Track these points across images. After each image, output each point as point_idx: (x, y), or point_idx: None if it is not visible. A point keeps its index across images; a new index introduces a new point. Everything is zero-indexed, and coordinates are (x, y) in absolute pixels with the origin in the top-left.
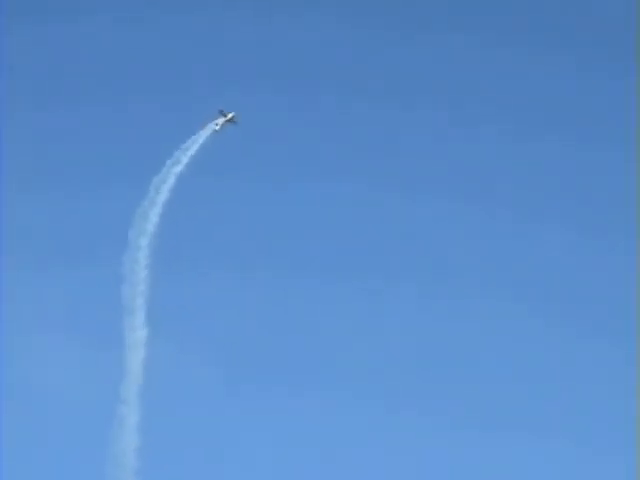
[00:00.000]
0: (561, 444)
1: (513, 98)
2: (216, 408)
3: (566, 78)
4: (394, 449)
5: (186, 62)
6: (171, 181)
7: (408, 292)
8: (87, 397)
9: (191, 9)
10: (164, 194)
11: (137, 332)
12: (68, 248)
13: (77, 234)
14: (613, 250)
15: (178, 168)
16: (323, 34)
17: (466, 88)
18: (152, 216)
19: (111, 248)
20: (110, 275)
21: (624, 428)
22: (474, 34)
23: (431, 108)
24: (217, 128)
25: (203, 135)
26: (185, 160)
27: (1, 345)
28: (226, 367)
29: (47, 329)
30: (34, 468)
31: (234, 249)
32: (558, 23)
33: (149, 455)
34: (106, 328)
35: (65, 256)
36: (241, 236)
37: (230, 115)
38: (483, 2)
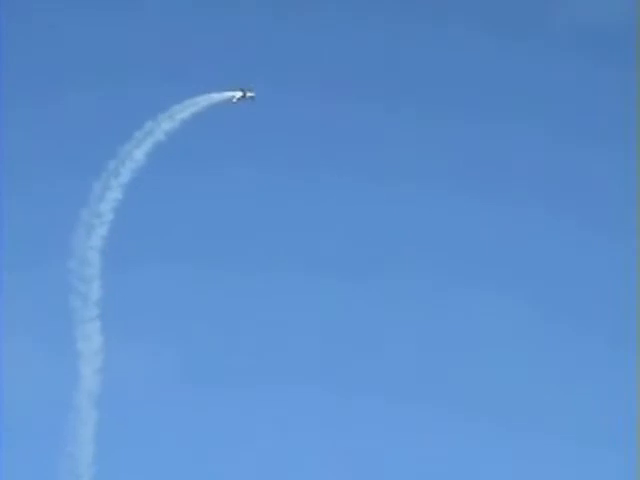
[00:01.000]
0: (560, 443)
1: (513, 96)
2: (177, 408)
3: (567, 75)
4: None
5: (184, 59)
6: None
7: (399, 287)
8: (42, 402)
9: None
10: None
11: (93, 335)
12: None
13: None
14: (614, 247)
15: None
16: (324, 31)
17: (467, 86)
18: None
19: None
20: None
21: (624, 427)
22: (474, 30)
23: (435, 103)
24: (234, 100)
25: (211, 100)
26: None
27: None
28: (186, 367)
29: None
30: None
31: (193, 246)
32: (559, 23)
33: (107, 460)
34: (62, 332)
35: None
36: (202, 232)
37: (250, 94)
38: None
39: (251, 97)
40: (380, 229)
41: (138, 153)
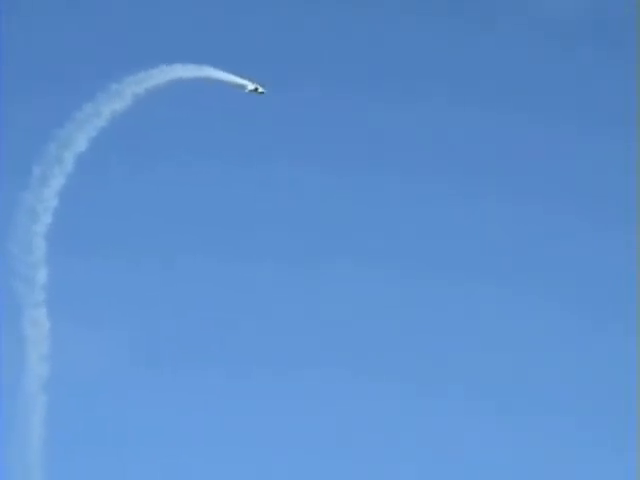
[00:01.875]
0: (560, 443)
1: (514, 91)
2: (126, 392)
3: (569, 71)
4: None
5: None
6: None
7: (398, 283)
8: None
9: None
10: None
11: (40, 320)
12: None
13: None
14: (614, 242)
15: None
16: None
17: (470, 86)
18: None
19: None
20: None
21: (624, 425)
22: (475, 26)
23: (437, 101)
24: (246, 91)
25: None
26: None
27: None
28: (135, 352)
29: None
30: None
31: (141, 230)
32: (560, 21)
33: (57, 445)
34: (8, 317)
35: None
36: (150, 216)
37: (261, 89)
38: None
39: (261, 92)
40: (379, 226)
41: (82, 138)
